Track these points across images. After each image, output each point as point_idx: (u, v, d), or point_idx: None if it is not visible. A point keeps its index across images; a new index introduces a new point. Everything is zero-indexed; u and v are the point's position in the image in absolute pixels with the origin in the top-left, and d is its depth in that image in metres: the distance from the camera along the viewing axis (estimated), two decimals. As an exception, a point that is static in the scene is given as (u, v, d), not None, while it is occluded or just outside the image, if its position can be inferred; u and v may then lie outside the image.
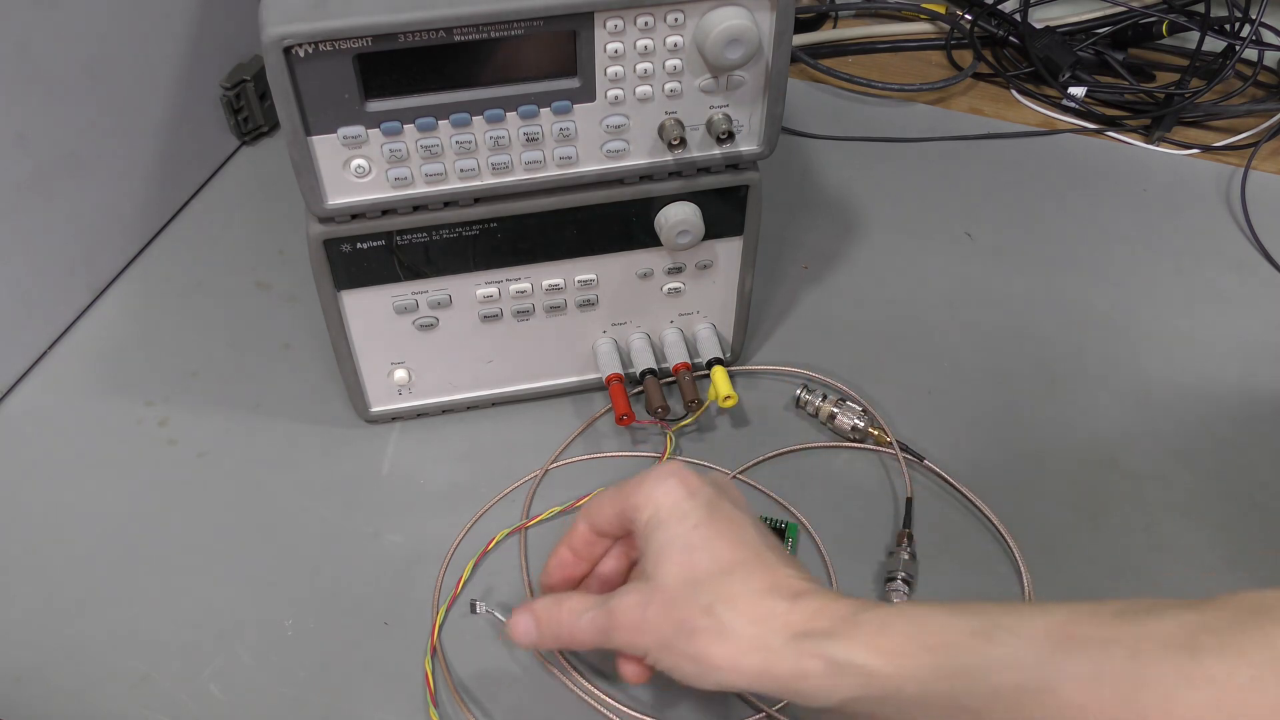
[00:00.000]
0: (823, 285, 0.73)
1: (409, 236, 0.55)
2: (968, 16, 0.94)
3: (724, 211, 0.58)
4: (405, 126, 0.50)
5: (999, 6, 0.92)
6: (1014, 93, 0.90)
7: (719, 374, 0.61)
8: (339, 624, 0.55)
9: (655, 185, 0.56)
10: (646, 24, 0.48)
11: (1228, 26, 0.85)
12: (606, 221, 0.57)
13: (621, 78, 0.50)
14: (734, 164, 0.56)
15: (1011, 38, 0.91)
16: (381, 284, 0.57)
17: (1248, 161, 0.82)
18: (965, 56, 0.94)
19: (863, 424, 0.62)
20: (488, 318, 0.60)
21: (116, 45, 0.68)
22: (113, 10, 0.67)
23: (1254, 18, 0.82)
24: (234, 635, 0.54)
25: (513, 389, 0.64)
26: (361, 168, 0.51)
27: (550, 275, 0.59)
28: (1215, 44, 0.85)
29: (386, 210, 0.53)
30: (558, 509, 0.59)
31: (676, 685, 0.52)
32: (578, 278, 0.59)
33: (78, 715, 0.51)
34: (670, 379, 0.64)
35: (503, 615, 0.54)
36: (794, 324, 0.70)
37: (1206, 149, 0.84)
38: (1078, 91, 0.86)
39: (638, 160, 0.54)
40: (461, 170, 0.52)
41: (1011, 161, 0.84)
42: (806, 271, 0.74)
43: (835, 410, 0.62)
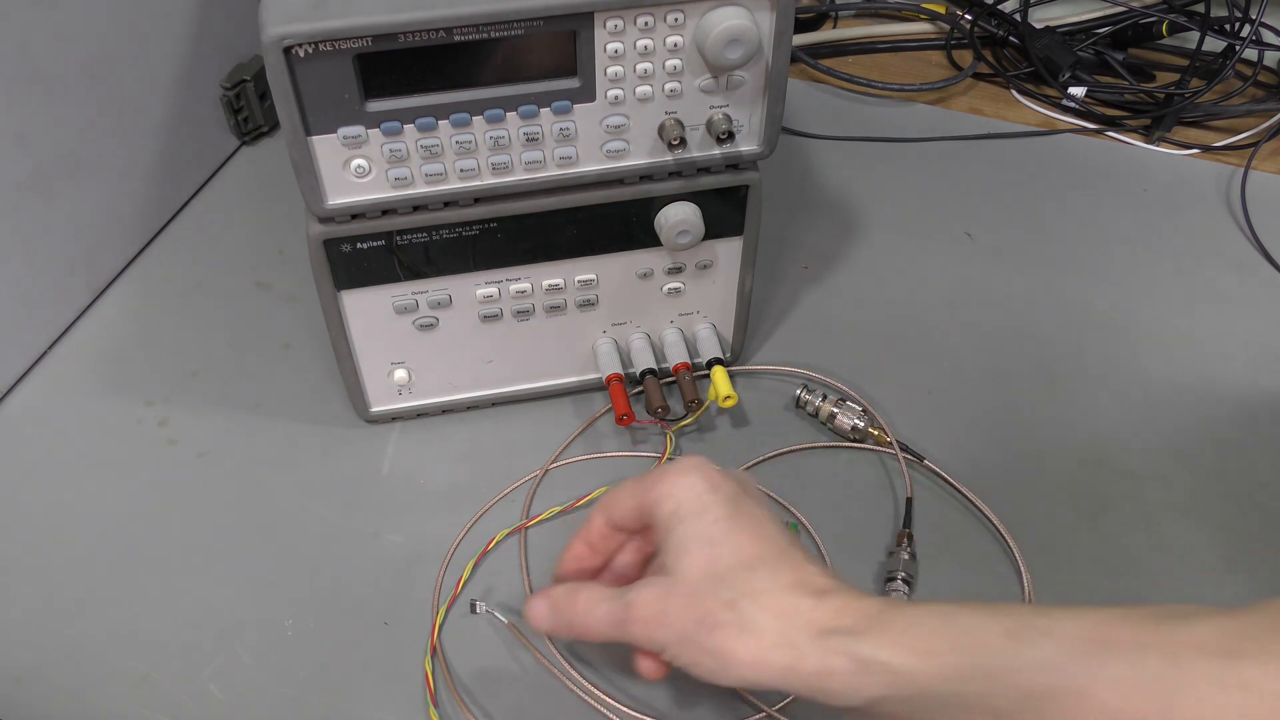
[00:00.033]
0: (823, 285, 0.73)
1: (409, 236, 0.55)
2: (968, 16, 0.94)
3: (724, 211, 0.58)
4: (405, 126, 0.50)
5: (999, 6, 0.92)
6: (1014, 93, 0.90)
7: (719, 374, 0.61)
8: (339, 624, 0.55)
9: (655, 185, 0.56)
10: (646, 24, 0.48)
11: (1228, 26, 0.85)
12: (606, 221, 0.57)
13: (621, 78, 0.50)
14: (734, 164, 0.56)
15: (1011, 38, 0.91)
16: (381, 284, 0.57)
17: (1248, 161, 0.82)
18: (965, 56, 0.94)
19: (863, 424, 0.62)
20: (488, 318, 0.60)
21: (116, 45, 0.68)
22: (113, 10, 0.67)
23: (1254, 18, 0.82)
24: (234, 635, 0.54)
25: (513, 389, 0.64)
26: (361, 168, 0.51)
27: (550, 275, 0.59)
28: (1215, 44, 0.85)
29: (386, 210, 0.53)
30: (558, 509, 0.59)
31: (677, 685, 0.52)
32: (578, 278, 0.59)
33: (78, 715, 0.51)
34: (670, 379, 0.64)
35: (503, 615, 0.54)
36: (794, 324, 0.70)
37: (1206, 149, 0.84)
38: (1078, 91, 0.86)
39: (638, 160, 0.54)
40: (461, 170, 0.52)
41: (1011, 161, 0.84)
42: (806, 271, 0.74)
43: (835, 410, 0.62)
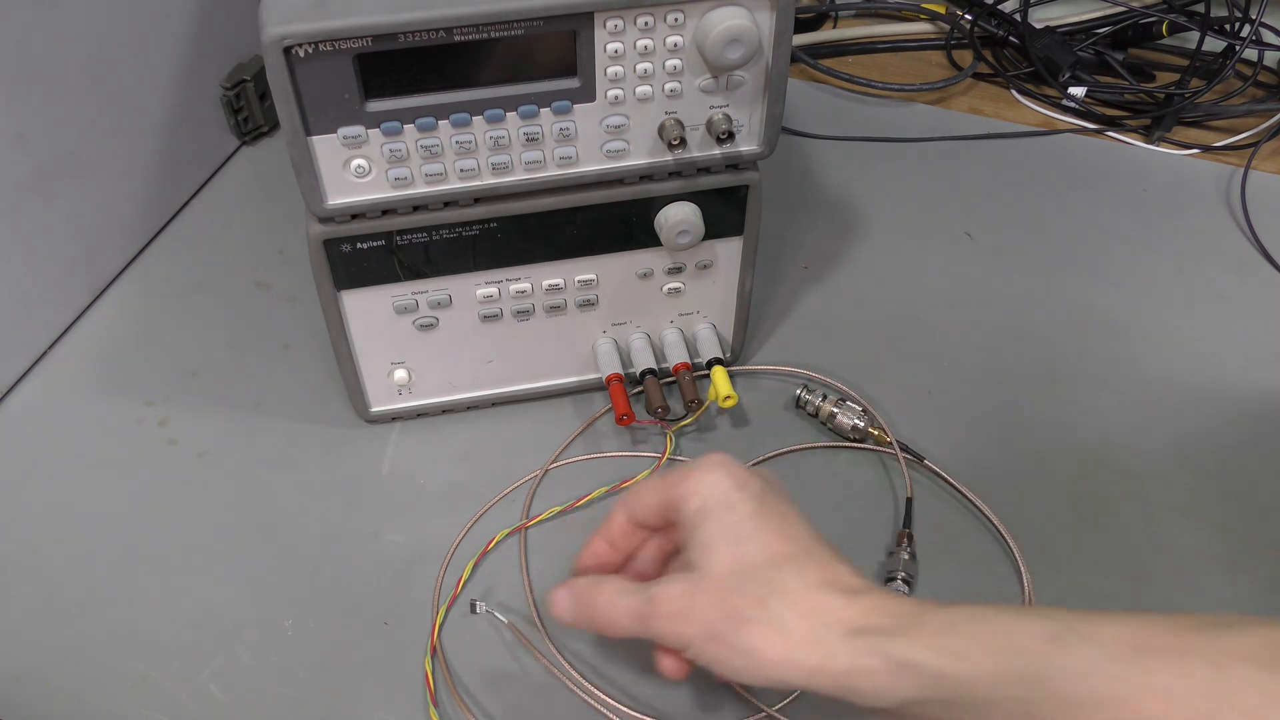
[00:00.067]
0: (823, 285, 0.73)
1: (409, 236, 0.55)
2: (968, 16, 0.94)
3: (724, 211, 0.58)
4: (405, 126, 0.50)
5: (999, 6, 0.92)
6: (1014, 93, 0.90)
7: (719, 374, 0.61)
8: (339, 624, 0.55)
9: (655, 185, 0.56)
10: (646, 24, 0.48)
11: (1228, 26, 0.85)
12: (606, 221, 0.57)
13: (621, 78, 0.50)
14: (734, 164, 0.56)
15: (1011, 38, 0.91)
16: (381, 284, 0.57)
17: (1248, 161, 0.82)
18: (965, 56, 0.94)
19: (863, 424, 0.62)
20: (488, 318, 0.60)
21: (116, 45, 0.68)
22: (113, 10, 0.67)
23: (1254, 18, 0.82)
24: (234, 635, 0.54)
25: (513, 389, 0.64)
26: (361, 168, 0.51)
27: (550, 275, 0.59)
28: (1215, 44, 0.85)
29: (386, 210, 0.53)
30: (558, 509, 0.59)
31: (678, 684, 0.52)
32: (578, 278, 0.59)
33: (78, 715, 0.51)
34: (670, 379, 0.64)
35: (503, 615, 0.54)
36: (794, 324, 0.70)
37: (1206, 149, 0.84)
38: (1078, 91, 0.86)
39: (638, 160, 0.54)
40: (461, 170, 0.52)
41: (1011, 161, 0.84)
42: (806, 271, 0.74)
43: (835, 410, 0.62)
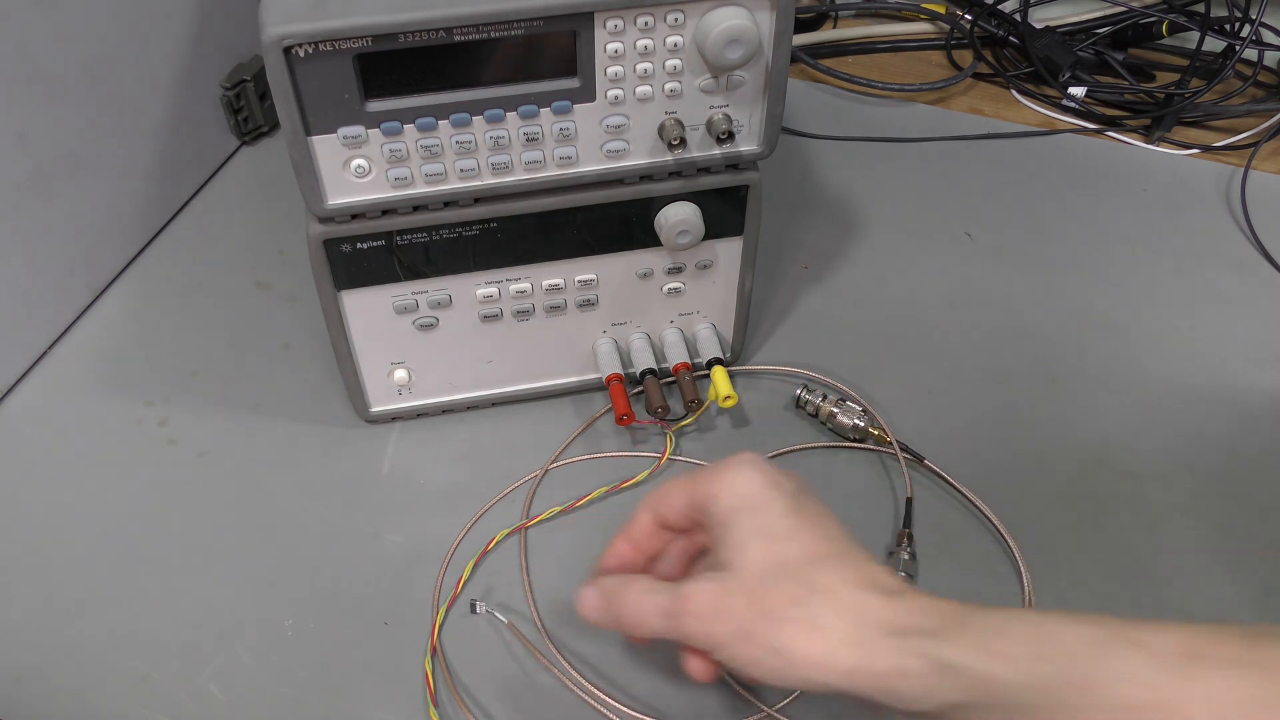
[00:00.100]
0: (823, 285, 0.73)
1: (409, 236, 0.55)
2: (968, 16, 0.94)
3: (724, 211, 0.58)
4: (405, 126, 0.50)
5: (999, 6, 0.92)
6: (1014, 93, 0.90)
7: (719, 374, 0.61)
8: (339, 624, 0.55)
9: (655, 185, 0.56)
10: (646, 24, 0.48)
11: (1228, 26, 0.85)
12: (606, 221, 0.57)
13: (621, 78, 0.50)
14: (734, 164, 0.56)
15: (1011, 38, 0.91)
16: (381, 284, 0.57)
17: (1248, 161, 0.82)
18: (965, 56, 0.94)
19: (863, 424, 0.62)
20: (488, 318, 0.60)
21: (116, 45, 0.68)
22: (113, 10, 0.67)
23: (1254, 18, 0.82)
24: (234, 635, 0.54)
25: (513, 389, 0.64)
26: (361, 168, 0.51)
27: (550, 275, 0.59)
28: (1215, 44, 0.85)
29: (386, 210, 0.53)
30: (558, 509, 0.59)
31: (678, 685, 0.52)
32: (578, 278, 0.59)
33: (78, 715, 0.51)
34: (670, 379, 0.64)
35: (503, 615, 0.54)
36: (794, 324, 0.70)
37: (1206, 149, 0.84)
38: (1078, 91, 0.86)
39: (638, 160, 0.54)
40: (461, 170, 0.52)
41: (1011, 161, 0.84)
42: (806, 271, 0.74)
43: (835, 410, 0.62)
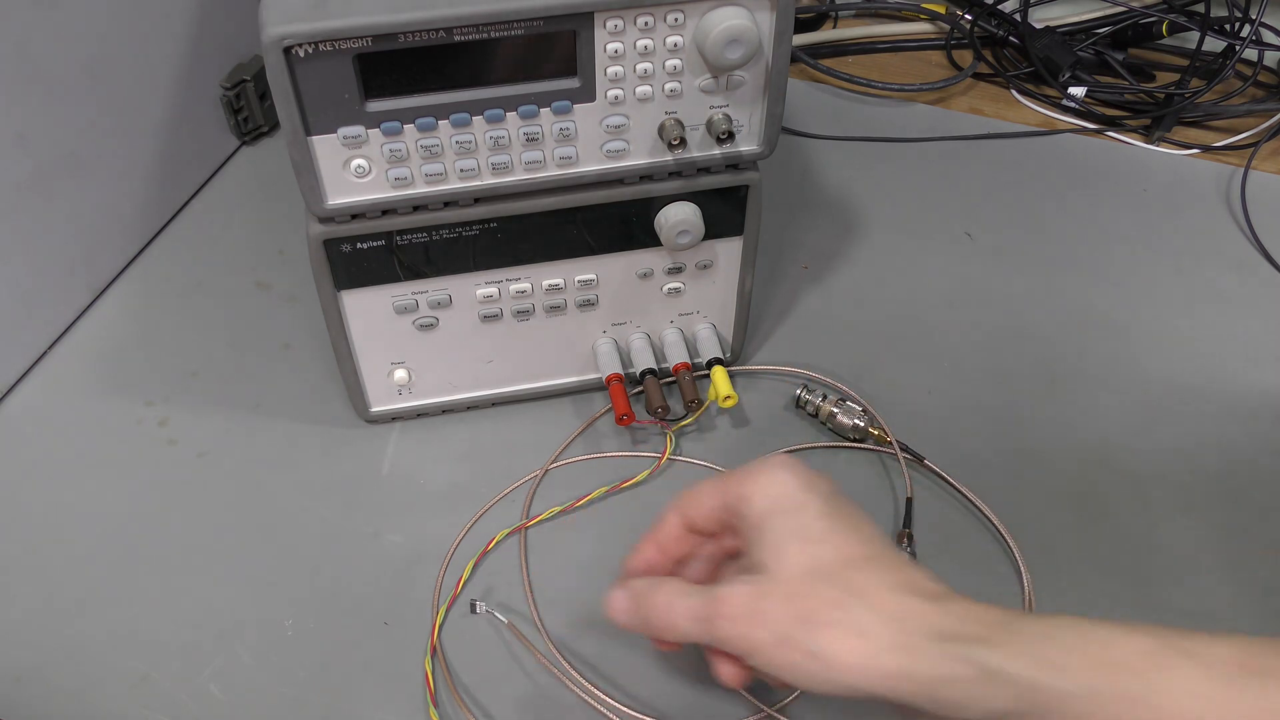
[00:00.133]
0: (823, 285, 0.73)
1: (409, 236, 0.55)
2: (968, 16, 0.94)
3: (724, 211, 0.58)
4: (405, 126, 0.50)
5: (999, 6, 0.92)
6: (1014, 93, 0.90)
7: (719, 374, 0.61)
8: (339, 624, 0.55)
9: (655, 185, 0.56)
10: (646, 24, 0.48)
11: (1228, 26, 0.85)
12: (606, 221, 0.57)
13: (621, 78, 0.50)
14: (734, 164, 0.56)
15: (1011, 38, 0.91)
16: (381, 284, 0.57)
17: (1248, 161, 0.82)
18: (965, 56, 0.94)
19: (863, 424, 0.62)
20: (488, 318, 0.60)
21: (116, 45, 0.68)
22: (113, 10, 0.67)
23: (1254, 18, 0.82)
24: (234, 635, 0.54)
25: (513, 389, 0.64)
26: (361, 168, 0.51)
27: (550, 275, 0.59)
28: (1215, 44, 0.85)
29: (386, 210, 0.53)
30: (558, 509, 0.59)
31: (677, 685, 0.52)
32: (578, 278, 0.59)
33: (78, 715, 0.51)
34: (670, 379, 0.64)
35: (503, 615, 0.54)
36: (794, 324, 0.70)
37: (1206, 149, 0.84)
38: (1078, 91, 0.86)
39: (638, 160, 0.54)
40: (461, 170, 0.52)
41: (1011, 161, 0.84)
42: (806, 271, 0.74)
43: (835, 410, 0.62)
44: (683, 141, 0.52)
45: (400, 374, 0.61)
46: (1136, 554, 0.58)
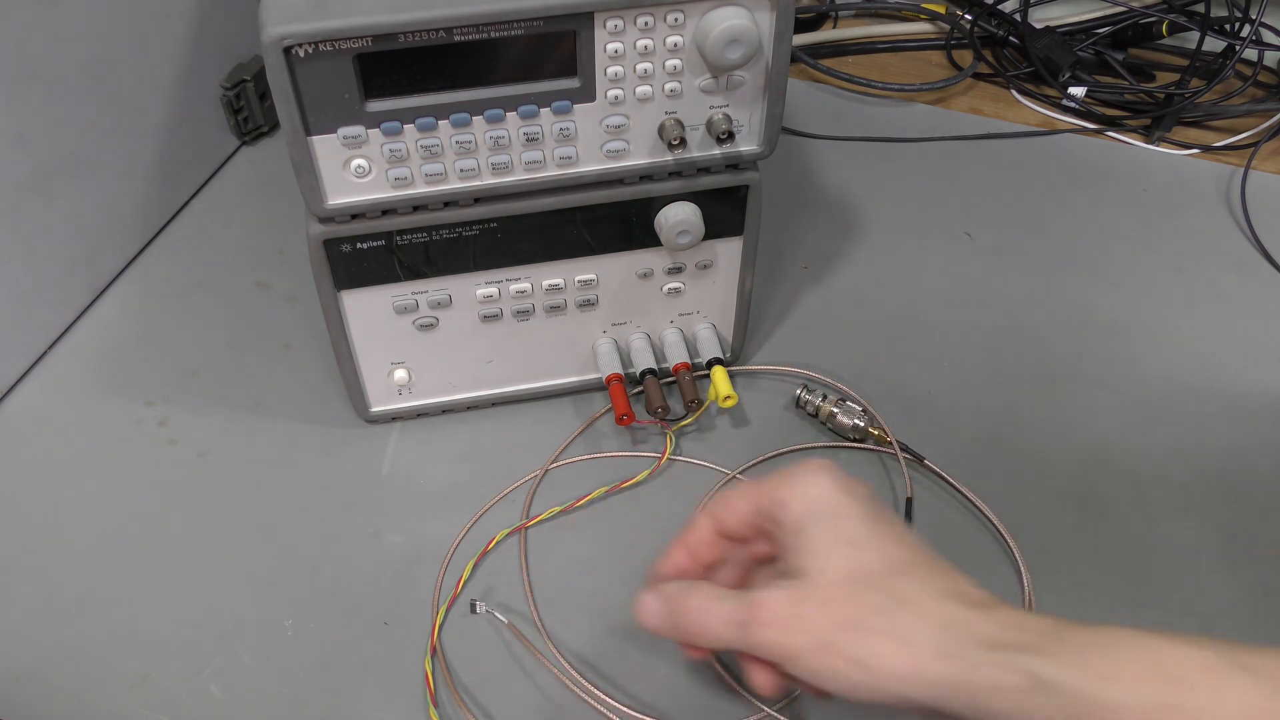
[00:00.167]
0: (823, 285, 0.73)
1: (409, 236, 0.55)
2: (968, 16, 0.94)
3: (724, 211, 0.58)
4: (405, 126, 0.50)
5: (999, 6, 0.92)
6: (1014, 93, 0.90)
7: (719, 374, 0.61)
8: (339, 624, 0.55)
9: (655, 185, 0.56)
10: (646, 24, 0.48)
11: (1228, 26, 0.85)
12: (606, 221, 0.57)
13: (621, 78, 0.50)
14: (734, 164, 0.56)
15: (1011, 38, 0.91)
16: (381, 284, 0.57)
17: (1248, 161, 0.82)
18: (965, 56, 0.94)
19: (863, 424, 0.62)
20: (488, 318, 0.60)
21: (116, 45, 0.68)
22: (113, 10, 0.67)
23: (1254, 18, 0.82)
24: (234, 635, 0.54)
25: (513, 389, 0.64)
26: (361, 168, 0.51)
27: (550, 275, 0.59)
28: (1215, 44, 0.85)
29: (386, 210, 0.53)
30: (558, 509, 0.59)
31: (678, 684, 0.52)
32: (578, 278, 0.59)
33: (78, 715, 0.51)
34: (670, 379, 0.64)
35: (503, 615, 0.54)
36: (794, 324, 0.70)
37: (1206, 149, 0.84)
38: (1078, 91, 0.86)
39: (638, 160, 0.54)
40: (461, 170, 0.52)
41: (1011, 161, 0.84)
42: (806, 271, 0.74)
43: (835, 410, 0.62)
44: (683, 141, 0.52)
45: (400, 374, 0.61)
46: (1136, 554, 0.58)
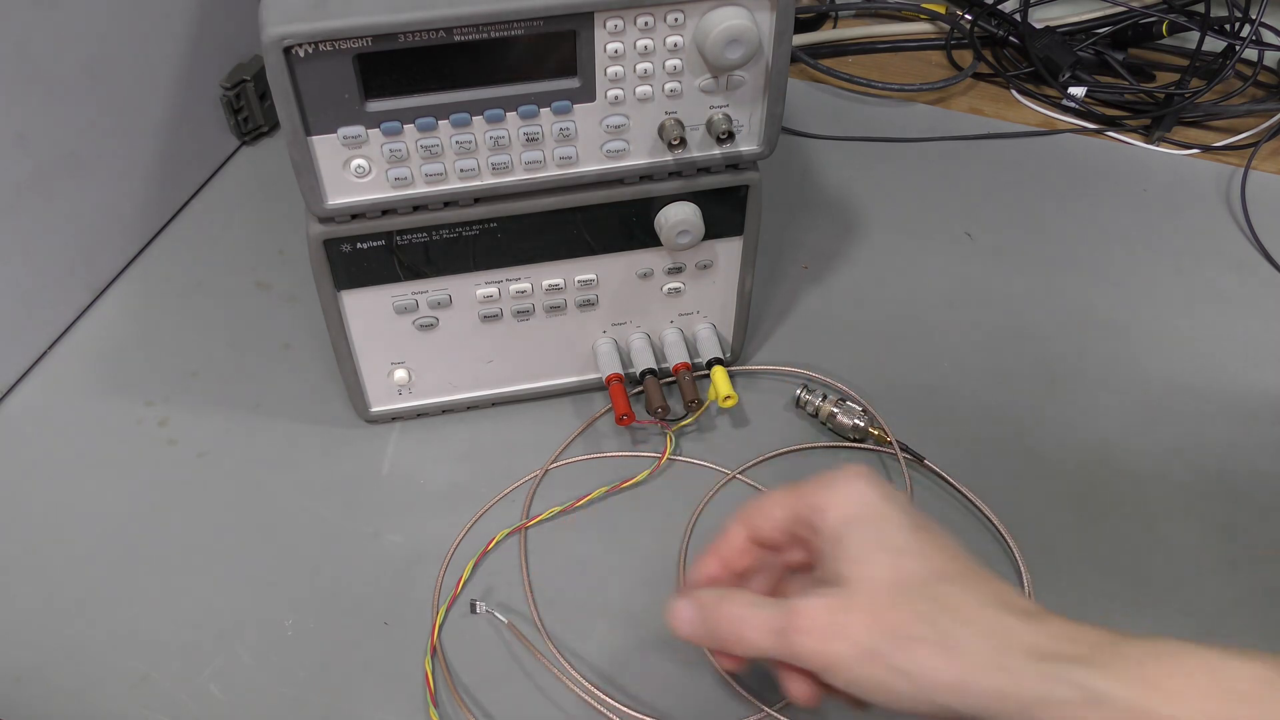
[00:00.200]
0: (823, 285, 0.73)
1: (409, 236, 0.55)
2: (968, 16, 0.94)
3: (724, 211, 0.58)
4: (405, 126, 0.50)
5: (999, 6, 0.92)
6: (1014, 93, 0.90)
7: (719, 374, 0.61)
8: (339, 624, 0.55)
9: (655, 185, 0.56)
10: (646, 24, 0.48)
11: (1228, 26, 0.85)
12: (606, 221, 0.57)
13: (621, 78, 0.50)
14: (734, 164, 0.56)
15: (1011, 38, 0.91)
16: (381, 284, 0.57)
17: (1248, 161, 0.82)
18: (965, 56, 0.94)
19: (863, 424, 0.62)
20: (488, 318, 0.60)
21: (116, 45, 0.68)
22: (113, 10, 0.67)
23: (1254, 18, 0.82)
24: (234, 635, 0.54)
25: (513, 389, 0.64)
26: (361, 168, 0.51)
27: (550, 275, 0.59)
28: (1215, 44, 0.85)
29: (386, 210, 0.53)
30: (558, 509, 0.59)
31: (677, 684, 0.52)
32: (578, 278, 0.59)
33: (78, 715, 0.51)
34: (670, 379, 0.64)
35: (503, 615, 0.54)
36: (794, 324, 0.70)
37: (1206, 149, 0.84)
38: (1078, 91, 0.86)
39: (638, 160, 0.54)
40: (461, 170, 0.52)
41: (1011, 161, 0.84)
42: (806, 271, 0.74)
43: (835, 410, 0.62)
44: (683, 141, 0.52)
45: (400, 374, 0.61)
46: (1136, 554, 0.58)
